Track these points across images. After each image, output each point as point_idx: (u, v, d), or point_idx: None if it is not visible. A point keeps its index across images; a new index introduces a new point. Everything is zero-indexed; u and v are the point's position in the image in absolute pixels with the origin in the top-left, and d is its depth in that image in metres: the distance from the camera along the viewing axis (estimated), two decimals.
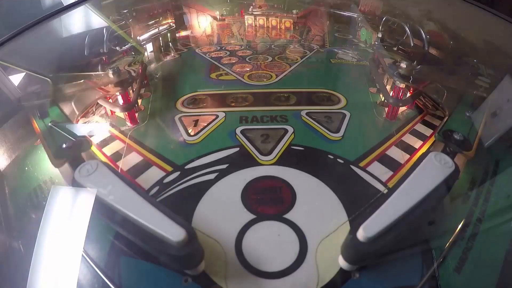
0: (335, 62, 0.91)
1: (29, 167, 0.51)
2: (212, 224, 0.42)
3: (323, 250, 0.39)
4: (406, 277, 0.37)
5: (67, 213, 0.40)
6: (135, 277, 0.38)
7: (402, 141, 0.57)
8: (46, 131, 0.54)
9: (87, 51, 0.79)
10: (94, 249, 0.39)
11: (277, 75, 0.80)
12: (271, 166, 0.50)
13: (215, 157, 0.52)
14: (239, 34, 1.15)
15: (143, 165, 0.52)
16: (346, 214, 0.43)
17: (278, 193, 0.45)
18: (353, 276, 0.37)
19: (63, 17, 0.82)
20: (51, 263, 0.36)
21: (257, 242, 0.40)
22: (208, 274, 0.37)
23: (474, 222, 0.42)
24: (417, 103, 0.67)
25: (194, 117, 0.63)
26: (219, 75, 0.82)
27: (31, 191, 0.47)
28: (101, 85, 0.65)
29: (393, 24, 0.97)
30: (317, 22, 1.20)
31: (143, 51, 0.89)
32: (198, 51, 1.01)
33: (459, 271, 0.37)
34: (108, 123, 0.63)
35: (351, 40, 1.11)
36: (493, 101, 0.57)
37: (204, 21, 1.18)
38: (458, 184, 0.45)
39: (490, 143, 0.51)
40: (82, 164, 0.42)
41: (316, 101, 0.68)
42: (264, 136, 0.56)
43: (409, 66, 0.66)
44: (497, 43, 0.76)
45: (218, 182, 0.47)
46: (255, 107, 0.66)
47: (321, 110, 0.65)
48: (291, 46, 1.05)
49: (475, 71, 0.68)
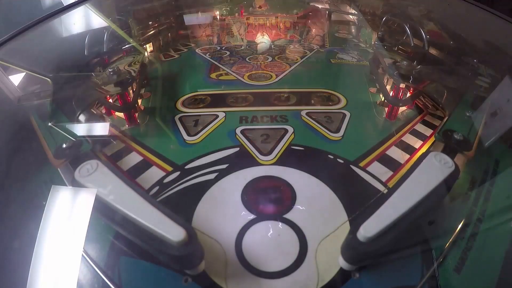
0: (335, 62, 0.91)
1: (29, 167, 0.51)
2: (212, 224, 0.42)
3: (323, 250, 0.39)
4: (406, 277, 0.37)
5: (67, 213, 0.40)
6: (135, 277, 0.38)
7: (402, 141, 0.57)
8: (46, 131, 0.54)
9: (87, 51, 0.79)
10: (94, 249, 0.39)
11: (277, 75, 0.80)
12: (271, 166, 0.50)
13: (215, 157, 0.52)
14: (239, 34, 1.15)
15: (143, 165, 0.52)
16: (346, 214, 0.43)
17: (278, 193, 0.45)
18: (353, 276, 0.37)
19: (63, 17, 0.82)
20: (51, 263, 0.36)
21: (257, 242, 0.40)
22: (208, 274, 0.37)
23: (474, 222, 0.42)
24: (417, 103, 0.67)
25: (194, 117, 0.63)
26: (219, 75, 0.82)
27: (31, 191, 0.47)
28: (101, 85, 0.65)
29: (393, 24, 0.97)
30: (317, 22, 1.20)
31: (143, 51, 0.89)
32: (198, 51, 1.01)
33: (459, 271, 0.37)
34: (108, 123, 0.63)
35: (351, 40, 1.11)
36: (493, 101, 0.57)
37: (204, 21, 1.18)
38: (458, 184, 0.45)
39: (490, 143, 0.51)
40: (82, 164, 0.42)
41: (316, 101, 0.68)
42: (264, 136, 0.56)
43: (409, 66, 0.66)
44: (497, 43, 0.76)
45: (218, 182, 0.47)
46: (255, 107, 0.66)
47: (321, 110, 0.65)
48: (291, 46, 1.05)
49: (475, 71, 0.68)
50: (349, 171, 0.50)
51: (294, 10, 1.21)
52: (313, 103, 0.68)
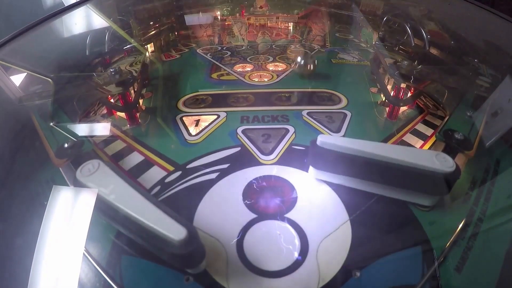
0: (336, 62, 0.91)
1: (31, 167, 0.52)
2: (213, 223, 0.42)
3: (324, 249, 0.39)
4: (407, 276, 0.37)
5: (69, 213, 0.40)
6: (137, 276, 0.38)
7: (403, 141, 0.57)
8: (47, 131, 0.54)
9: (88, 51, 0.79)
10: (96, 248, 0.40)
11: (278, 75, 0.80)
12: (272, 166, 0.50)
13: (216, 157, 0.52)
14: (240, 34, 1.15)
15: (144, 164, 0.52)
16: (347, 214, 0.43)
17: (279, 193, 0.46)
18: (354, 275, 0.37)
19: (65, 17, 0.82)
20: (52, 262, 0.36)
21: (258, 241, 0.40)
22: (210, 273, 0.37)
23: (475, 222, 0.42)
24: (418, 103, 0.67)
25: (195, 117, 0.64)
26: (220, 75, 0.82)
27: (33, 190, 0.47)
28: (103, 85, 0.65)
29: (394, 24, 0.97)
30: (318, 22, 1.20)
31: (144, 51, 0.89)
32: (199, 51, 1.01)
33: (460, 271, 0.37)
34: (109, 123, 0.63)
35: (352, 40, 1.11)
36: (494, 101, 0.57)
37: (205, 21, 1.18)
38: (459, 184, 0.45)
39: (491, 143, 0.51)
40: (84, 163, 0.42)
41: (317, 101, 0.68)
42: (265, 136, 0.56)
43: (410, 66, 0.66)
44: (498, 43, 0.76)
45: (220, 181, 0.48)
46: (256, 107, 0.66)
47: (322, 110, 0.65)
48: (292, 46, 1.05)
49: (476, 71, 0.68)
50: None
51: (295, 10, 1.21)
52: (314, 103, 0.68)
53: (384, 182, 0.43)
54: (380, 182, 0.43)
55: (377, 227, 0.43)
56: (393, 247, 0.40)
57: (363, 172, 0.44)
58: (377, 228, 0.42)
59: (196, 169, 0.50)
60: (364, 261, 0.38)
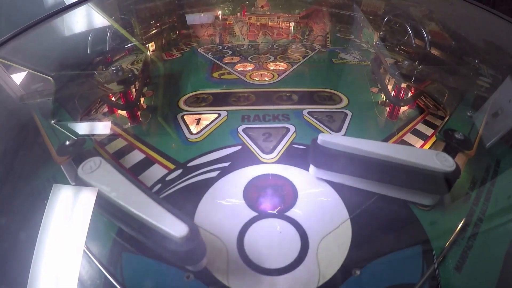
0: (337, 62, 0.91)
1: (32, 164, 0.52)
2: (214, 221, 0.42)
3: (324, 248, 0.39)
4: (407, 275, 0.38)
5: (70, 210, 0.40)
6: (137, 273, 0.38)
7: (403, 141, 0.57)
8: (49, 129, 0.54)
9: (90, 49, 0.79)
10: (97, 245, 0.40)
11: (279, 75, 0.80)
12: (272, 164, 0.50)
13: (217, 155, 0.52)
14: (241, 34, 1.16)
15: (145, 162, 0.52)
16: (347, 212, 0.43)
17: (280, 191, 0.46)
18: (354, 273, 0.37)
19: (66, 16, 0.82)
20: (53, 259, 0.36)
21: (259, 239, 0.40)
22: (210, 270, 0.37)
23: (475, 222, 0.42)
24: (419, 103, 0.67)
25: (196, 115, 0.64)
26: (221, 74, 0.82)
27: (34, 187, 0.47)
28: (104, 84, 0.65)
29: (395, 24, 0.97)
30: (319, 22, 1.20)
31: (145, 50, 0.89)
32: (200, 50, 1.01)
33: (459, 270, 0.37)
34: (110, 121, 0.63)
35: (353, 40, 1.11)
36: (495, 102, 0.57)
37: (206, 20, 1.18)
38: (459, 184, 0.45)
39: (491, 143, 0.51)
40: (85, 161, 0.43)
41: (318, 101, 0.69)
42: (266, 135, 0.57)
43: (411, 66, 0.66)
44: (498, 43, 0.76)
45: (220, 180, 0.48)
46: (257, 106, 0.67)
47: (323, 109, 0.65)
48: (293, 46, 1.05)
49: (477, 71, 0.69)
50: None
51: (296, 10, 1.21)
52: (315, 103, 0.68)
53: (384, 181, 0.43)
54: (380, 181, 0.44)
55: (377, 226, 0.43)
56: (393, 246, 0.40)
57: (363, 171, 0.44)
58: (377, 226, 0.43)
59: (197, 167, 0.50)
60: (364, 260, 0.38)
